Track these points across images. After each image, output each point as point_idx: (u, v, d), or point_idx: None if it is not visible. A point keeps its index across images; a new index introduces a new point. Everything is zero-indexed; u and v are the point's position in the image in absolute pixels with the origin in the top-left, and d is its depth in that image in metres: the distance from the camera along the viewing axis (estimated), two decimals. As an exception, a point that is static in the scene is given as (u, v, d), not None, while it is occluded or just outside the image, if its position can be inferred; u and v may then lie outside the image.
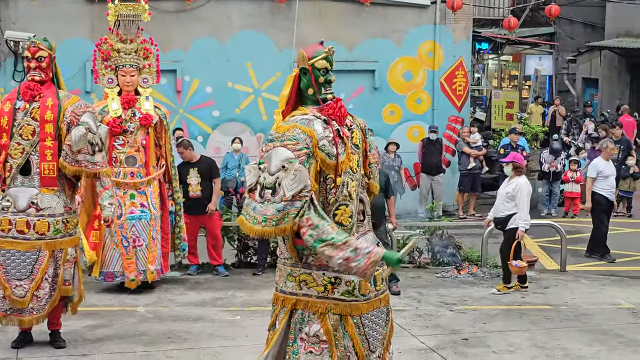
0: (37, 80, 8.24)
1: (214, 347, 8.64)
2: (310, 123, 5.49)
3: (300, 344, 5.75)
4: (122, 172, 10.67)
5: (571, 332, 9.66)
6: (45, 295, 8.18)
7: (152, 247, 10.76)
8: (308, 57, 5.55)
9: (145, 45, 11.12)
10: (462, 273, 12.49)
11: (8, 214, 8.08)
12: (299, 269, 5.79)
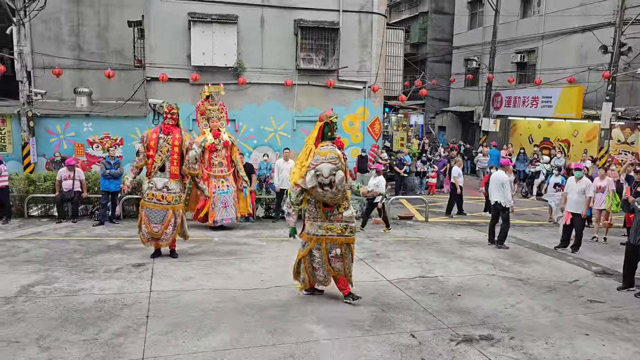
0: (170, 124, 8.73)
1: (252, 257, 9.11)
2: (335, 149, 6.49)
3: (332, 259, 6.64)
4: (217, 169, 11.23)
5: (429, 251, 10.03)
6: (170, 232, 8.65)
7: (236, 205, 11.27)
8: (328, 116, 6.56)
9: (222, 107, 11.68)
10: (373, 222, 12.63)
11: (152, 190, 8.61)
12: (326, 223, 6.65)
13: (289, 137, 17.03)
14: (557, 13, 21.33)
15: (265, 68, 16.48)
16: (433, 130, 31.66)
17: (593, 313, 6.94)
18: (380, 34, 17.37)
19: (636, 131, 18.68)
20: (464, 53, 28.07)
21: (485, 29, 25.56)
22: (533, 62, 23.53)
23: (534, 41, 23.14)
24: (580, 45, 20.72)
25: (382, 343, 5.68)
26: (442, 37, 30.77)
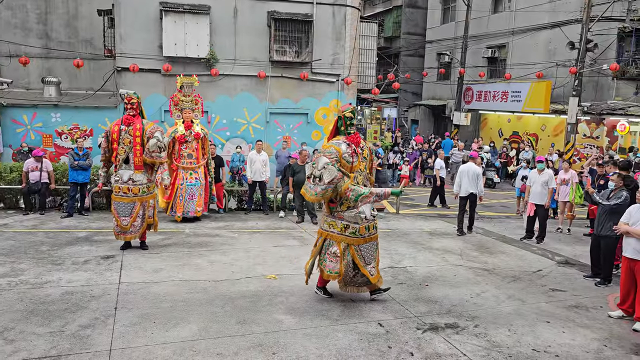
0: (131, 115, 8.54)
1: (223, 249, 9.05)
2: (339, 145, 6.26)
3: (326, 256, 6.42)
4: (186, 161, 11.09)
5: (400, 242, 10.14)
6: (138, 224, 8.54)
7: (200, 199, 11.13)
8: (342, 110, 6.40)
9: (196, 98, 11.53)
10: None
11: (119, 183, 8.47)
12: (329, 218, 6.42)
13: (262, 129, 16.97)
14: (527, 9, 21.70)
15: (239, 59, 16.36)
16: (406, 123, 31.94)
17: (555, 301, 7.15)
18: (354, 27, 17.39)
19: (601, 126, 19.21)
20: (436, 47, 28.39)
21: (458, 23, 25.85)
22: (503, 57, 23.94)
23: (504, 36, 23.52)
24: (548, 41, 21.16)
25: (350, 332, 5.76)
26: (416, 31, 31.02)
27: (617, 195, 7.72)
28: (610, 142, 19.08)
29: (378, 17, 31.75)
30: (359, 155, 6.42)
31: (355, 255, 6.40)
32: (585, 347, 5.66)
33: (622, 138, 19.22)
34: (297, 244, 9.70)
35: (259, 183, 12.57)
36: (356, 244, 6.40)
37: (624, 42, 19.21)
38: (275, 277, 7.61)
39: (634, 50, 19.11)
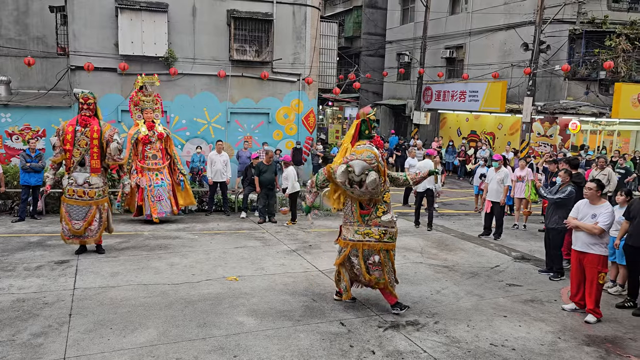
0: (87, 115, 8.26)
1: (183, 251, 8.89)
2: (371, 148, 6.05)
3: (369, 266, 6.15)
4: (150, 162, 10.89)
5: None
6: (95, 228, 8.30)
7: (170, 198, 10.99)
8: (365, 113, 6.21)
9: (156, 97, 11.33)
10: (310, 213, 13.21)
11: (72, 186, 8.24)
12: (363, 227, 6.15)
13: (223, 129, 16.78)
14: (483, 11, 22.20)
15: (198, 58, 16.13)
16: (367, 123, 32.11)
17: (511, 296, 7.33)
18: (314, 27, 17.42)
19: (554, 124, 19.85)
20: (396, 47, 28.70)
21: (417, 24, 26.21)
22: (461, 58, 24.42)
23: (461, 37, 24.00)
24: (504, 43, 21.71)
25: (312, 332, 5.74)
26: (376, 32, 31.26)
27: (562, 190, 8.09)
28: (563, 141, 19.74)
29: (338, 17, 31.86)
30: (383, 159, 6.41)
31: (392, 259, 6.33)
32: (540, 340, 5.83)
33: (574, 136, 19.92)
34: (259, 245, 9.63)
35: (220, 184, 12.42)
36: (393, 248, 6.34)
37: (575, 43, 19.91)
38: (236, 278, 7.53)
39: (584, 51, 19.83)
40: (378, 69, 29.32)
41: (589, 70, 19.95)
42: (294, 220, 11.67)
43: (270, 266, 8.26)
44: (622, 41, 19.12)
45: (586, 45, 19.81)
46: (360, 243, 6.21)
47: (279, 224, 11.51)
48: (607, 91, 19.87)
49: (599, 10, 19.52)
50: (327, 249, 9.50)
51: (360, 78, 24.19)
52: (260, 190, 11.65)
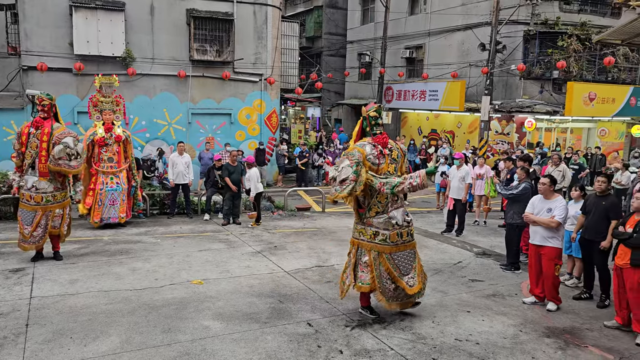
0: (42, 117, 8.03)
1: (145, 255, 8.68)
2: (363, 146, 5.83)
3: (359, 266, 5.98)
4: (106, 165, 10.57)
5: (326, 241, 10.19)
6: (39, 234, 7.97)
7: (123, 204, 10.65)
8: (366, 110, 6.01)
9: (117, 99, 10.96)
10: (275, 214, 12.80)
11: (23, 190, 7.97)
12: (359, 225, 6.00)
13: (184, 130, 16.52)
14: (442, 12, 22.61)
15: (157, 58, 15.82)
16: (329, 122, 32.24)
17: (474, 291, 7.48)
18: (276, 27, 17.35)
19: (511, 123, 20.39)
20: (357, 47, 28.89)
21: (377, 24, 26.46)
22: (421, 58, 24.79)
23: (421, 37, 24.36)
24: (462, 43, 22.16)
25: (279, 334, 5.70)
26: (337, 32, 31.38)
27: (517, 186, 8.38)
28: (520, 138, 20.30)
29: (299, 17, 31.82)
30: (387, 157, 6.01)
31: (387, 265, 5.92)
32: (503, 334, 5.96)
33: (529, 134, 20.51)
34: (223, 247, 9.51)
35: (182, 186, 12.21)
36: (387, 252, 5.93)
37: (529, 44, 20.51)
38: (201, 282, 7.41)
39: (538, 51, 20.46)
40: (339, 68, 29.45)
41: (543, 69, 20.62)
42: (258, 222, 11.58)
43: (236, 268, 8.15)
44: (574, 42, 19.84)
45: (540, 46, 20.45)
46: (356, 240, 6.15)
47: (243, 226, 11.40)
48: (560, 90, 20.57)
49: (551, 12, 20.18)
50: (292, 249, 9.47)
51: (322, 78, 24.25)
52: (226, 192, 11.53)
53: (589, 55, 20.57)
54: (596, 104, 20.25)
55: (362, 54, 28.32)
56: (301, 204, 14.28)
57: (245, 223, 11.58)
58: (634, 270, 5.85)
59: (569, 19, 20.41)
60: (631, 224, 6.00)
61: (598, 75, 21.26)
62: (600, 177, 7.10)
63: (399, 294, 6.06)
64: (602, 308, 6.88)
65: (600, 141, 21.68)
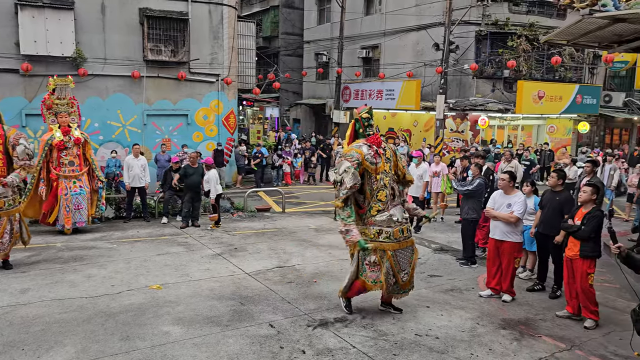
0: None
1: (101, 261, 8.44)
2: (360, 147, 5.90)
3: (366, 267, 5.98)
4: (67, 169, 10.26)
5: (287, 241, 10.17)
6: (6, 241, 7.83)
7: (90, 208, 10.43)
8: (358, 112, 6.06)
9: (72, 100, 10.61)
10: (234, 215, 12.67)
11: None
12: (361, 226, 5.99)
13: (139, 132, 16.12)
14: (396, 12, 22.92)
15: (109, 59, 15.37)
16: (288, 122, 32.20)
17: (433, 287, 7.62)
18: (232, 26, 17.16)
19: (465, 121, 20.89)
20: (314, 47, 28.95)
21: (333, 24, 26.58)
22: (377, 57, 25.07)
23: (377, 38, 24.63)
24: (416, 43, 22.54)
25: (241, 337, 5.65)
26: (293, 31, 31.36)
27: (471, 182, 8.63)
28: (474, 136, 20.83)
29: (256, 17, 31.62)
30: (382, 156, 6.14)
31: (391, 261, 6.05)
32: (461, 327, 6.10)
33: (483, 131, 21.06)
34: (182, 251, 9.35)
35: (138, 189, 11.93)
36: (392, 249, 6.07)
37: (481, 44, 21.07)
38: (160, 287, 7.26)
39: (489, 51, 21.04)
40: (297, 68, 29.44)
41: (494, 69, 21.22)
42: (218, 224, 11.44)
43: (195, 272, 8.03)
44: (523, 42, 20.50)
45: (491, 46, 21.04)
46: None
47: (202, 228, 11.24)
48: (511, 88, 21.22)
49: (501, 13, 20.79)
50: (253, 251, 9.41)
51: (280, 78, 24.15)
52: (186, 194, 11.34)
53: (537, 55, 21.30)
54: (545, 101, 21.00)
55: (319, 54, 28.41)
56: (261, 205, 14.20)
57: (204, 225, 11.42)
58: (583, 261, 6.12)
59: (518, 20, 21.07)
60: (579, 216, 6.26)
61: (546, 74, 22.06)
62: (552, 172, 7.39)
63: (396, 287, 6.22)
64: (553, 299, 7.15)
65: (549, 137, 22.48)
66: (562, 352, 5.52)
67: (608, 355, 5.49)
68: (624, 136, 27.26)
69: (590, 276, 6.15)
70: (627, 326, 6.01)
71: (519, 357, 5.37)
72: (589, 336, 5.95)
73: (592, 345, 5.71)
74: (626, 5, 7.07)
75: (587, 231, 6.08)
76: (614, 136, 26.90)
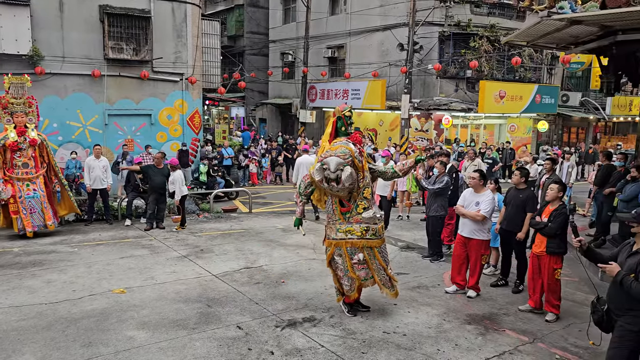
0: None
1: (61, 266, 8.22)
2: (347, 144, 5.91)
3: (355, 265, 5.99)
4: (21, 172, 9.94)
5: (254, 242, 10.11)
6: None
7: (47, 211, 10.05)
8: (340, 110, 6.07)
9: (29, 100, 10.29)
10: (200, 217, 12.53)
11: None
12: (345, 225, 5.97)
13: (100, 132, 15.68)
14: (361, 12, 23.06)
15: (68, 57, 14.90)
16: (254, 122, 32.02)
17: (400, 284, 7.60)
18: (196, 25, 16.90)
19: (429, 120, 21.19)
20: (280, 47, 28.87)
21: (299, 24, 26.57)
22: (343, 57, 25.17)
23: (342, 37, 24.73)
24: (381, 43, 22.74)
25: (208, 339, 5.58)
26: (259, 31, 31.18)
27: (440, 180, 8.76)
28: (438, 135, 21.16)
29: (220, 16, 31.29)
30: (364, 154, 6.28)
31: (378, 257, 6.17)
32: (428, 324, 6.19)
33: (447, 130, 21.42)
34: (147, 253, 9.17)
35: (99, 191, 11.63)
36: (378, 245, 6.16)
37: (444, 44, 21.42)
38: (123, 291, 7.10)
39: (452, 52, 21.40)
40: (263, 68, 29.27)
41: (457, 69, 21.61)
42: (183, 225, 11.26)
43: (161, 274, 7.89)
44: (484, 43, 20.95)
45: (454, 46, 21.42)
46: (342, 241, 6.11)
47: (167, 230, 11.05)
48: (474, 88, 21.66)
49: (463, 14, 21.19)
50: (219, 252, 9.30)
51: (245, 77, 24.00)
52: (150, 195, 11.11)
53: (498, 56, 21.80)
54: (506, 101, 21.51)
55: (285, 54, 28.35)
56: (227, 206, 14.05)
57: (169, 227, 11.23)
58: (550, 257, 6.29)
59: (480, 21, 21.51)
60: (546, 214, 6.43)
61: (507, 75, 22.60)
62: (516, 170, 7.60)
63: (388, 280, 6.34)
64: (516, 293, 7.34)
65: (510, 136, 23.05)
66: (525, 346, 5.65)
67: (568, 347, 5.65)
68: (580, 134, 28.17)
69: (557, 271, 6.33)
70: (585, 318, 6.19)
71: (484, 351, 5.47)
72: (550, 329, 6.12)
73: (553, 338, 5.87)
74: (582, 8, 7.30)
75: (554, 228, 6.23)
76: (571, 135, 27.78)
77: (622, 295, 4.05)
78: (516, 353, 5.46)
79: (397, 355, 5.31)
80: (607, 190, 9.78)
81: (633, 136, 23.56)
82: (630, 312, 4.03)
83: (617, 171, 9.94)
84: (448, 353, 5.40)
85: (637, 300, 3.94)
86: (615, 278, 4.04)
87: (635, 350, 4.09)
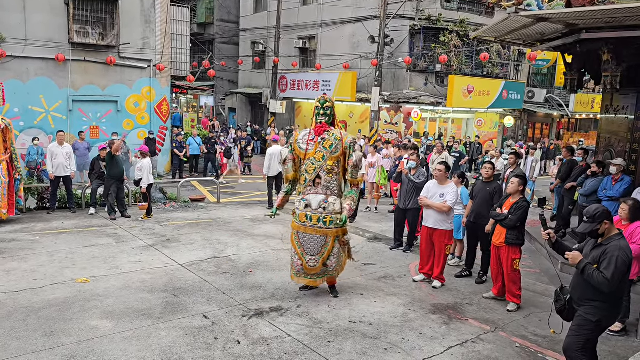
0: None
1: (22, 254, 8.00)
2: (298, 132, 6.16)
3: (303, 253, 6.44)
4: None
5: (221, 231, 10.03)
6: None
7: (4, 199, 9.75)
8: (317, 100, 6.29)
9: None
10: (167, 206, 12.35)
11: None
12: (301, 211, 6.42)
13: (64, 118, 15.32)
14: (333, 3, 23.01)
15: (31, 40, 14.46)
16: (224, 111, 31.69)
17: (367, 275, 7.78)
18: (165, 11, 16.62)
19: (399, 113, 21.37)
20: (250, 36, 28.57)
21: (270, 13, 26.33)
22: (314, 48, 25.10)
23: (313, 28, 24.64)
24: (353, 35, 22.75)
25: (174, 329, 5.53)
26: (229, 19, 30.81)
27: (421, 174, 8.77)
28: (407, 128, 21.36)
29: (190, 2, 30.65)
30: (317, 144, 6.31)
31: (292, 240, 6.49)
32: (393, 313, 6.28)
33: (416, 124, 21.65)
34: (112, 242, 9.00)
35: (63, 178, 11.34)
36: (295, 229, 6.47)
37: (415, 38, 21.59)
38: (87, 280, 6.95)
39: (422, 46, 21.59)
40: (233, 57, 28.97)
41: (427, 63, 21.82)
42: (149, 214, 11.09)
43: (126, 264, 7.76)
44: (454, 37, 21.20)
45: (424, 40, 21.61)
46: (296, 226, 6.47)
47: (133, 219, 10.86)
48: (443, 82, 21.94)
49: (434, 9, 21.39)
50: (186, 241, 9.20)
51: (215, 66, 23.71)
52: (110, 184, 10.85)
53: (467, 51, 22.11)
54: (474, 96, 21.87)
55: (255, 43, 28.07)
56: (195, 195, 13.91)
57: (135, 216, 11.04)
58: (508, 248, 6.46)
59: (450, 16, 21.76)
60: (507, 206, 6.58)
61: (475, 70, 22.96)
62: (486, 163, 7.69)
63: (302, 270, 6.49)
64: (480, 284, 7.52)
65: (477, 131, 23.46)
66: (487, 334, 5.80)
67: (528, 335, 5.83)
68: (544, 130, 28.89)
69: (516, 261, 6.51)
70: (545, 308, 6.43)
71: (448, 340, 5.59)
72: (511, 318, 6.29)
73: (514, 327, 6.04)
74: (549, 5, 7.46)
75: (514, 220, 6.39)
76: (535, 130, 28.45)
77: (585, 286, 4.19)
78: (478, 342, 5.59)
79: (363, 344, 5.37)
80: (568, 185, 10.08)
81: (594, 133, 24.31)
82: (592, 302, 4.18)
83: (578, 166, 10.23)
84: (412, 342, 5.49)
85: (599, 292, 4.08)
86: (578, 266, 4.18)
87: (592, 339, 4.26)
